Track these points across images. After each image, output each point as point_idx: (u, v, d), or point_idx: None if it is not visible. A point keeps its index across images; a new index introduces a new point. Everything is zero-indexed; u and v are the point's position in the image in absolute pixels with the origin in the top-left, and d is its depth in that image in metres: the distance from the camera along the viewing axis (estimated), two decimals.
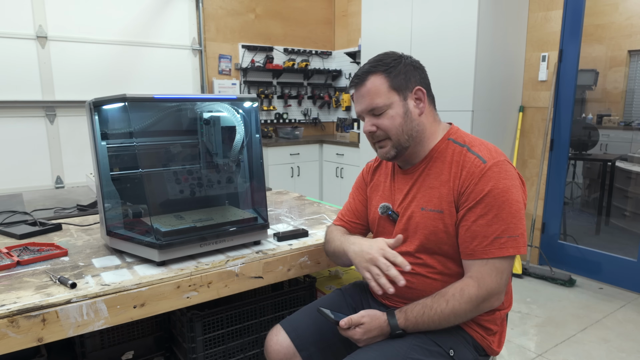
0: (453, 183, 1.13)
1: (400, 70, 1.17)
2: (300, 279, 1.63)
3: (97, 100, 1.27)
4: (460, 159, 1.14)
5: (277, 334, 1.26)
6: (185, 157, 1.44)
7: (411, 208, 1.20)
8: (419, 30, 3.30)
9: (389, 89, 1.16)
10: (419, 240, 1.18)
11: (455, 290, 1.08)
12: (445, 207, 1.13)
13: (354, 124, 4.93)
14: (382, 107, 1.16)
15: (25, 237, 1.47)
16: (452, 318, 1.08)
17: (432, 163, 1.19)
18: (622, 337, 2.44)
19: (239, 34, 4.62)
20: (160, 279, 1.13)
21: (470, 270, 1.10)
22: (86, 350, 1.46)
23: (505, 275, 1.08)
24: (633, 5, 3.29)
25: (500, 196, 1.06)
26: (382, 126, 1.17)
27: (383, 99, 1.15)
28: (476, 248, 1.08)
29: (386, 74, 1.16)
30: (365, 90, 1.17)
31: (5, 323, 0.93)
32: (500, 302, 1.11)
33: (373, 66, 1.18)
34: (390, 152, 1.19)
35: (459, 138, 1.20)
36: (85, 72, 3.75)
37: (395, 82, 1.16)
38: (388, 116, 1.16)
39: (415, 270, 1.18)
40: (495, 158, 1.11)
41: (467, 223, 1.09)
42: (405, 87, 1.17)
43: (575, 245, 3.36)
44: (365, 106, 1.18)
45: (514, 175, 1.11)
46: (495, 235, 1.06)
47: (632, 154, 3.55)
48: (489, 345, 1.18)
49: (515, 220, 1.06)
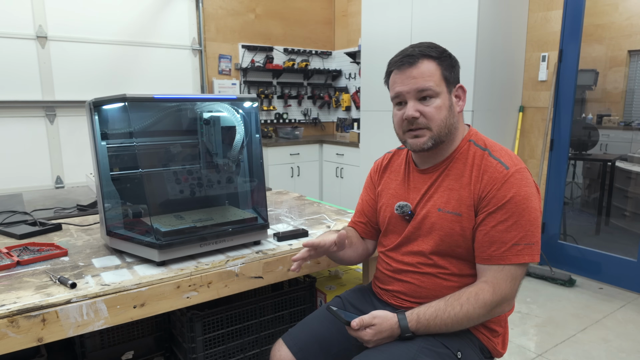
0: (474, 187, 1.12)
1: (450, 63, 1.16)
2: (300, 279, 1.63)
3: (97, 100, 1.26)
4: (482, 163, 1.13)
5: (280, 349, 1.26)
6: (185, 157, 1.44)
7: (427, 208, 1.18)
8: (419, 30, 3.29)
9: (441, 77, 1.13)
10: (433, 241, 1.17)
11: (470, 294, 1.08)
12: (464, 211, 1.12)
13: (353, 124, 4.93)
14: (433, 92, 1.11)
15: (25, 237, 1.47)
16: (465, 322, 1.08)
17: (453, 164, 1.18)
18: (622, 337, 2.44)
19: (239, 34, 4.62)
20: (160, 279, 1.13)
21: (486, 275, 1.09)
22: (86, 350, 1.46)
23: (519, 281, 1.09)
24: (633, 5, 3.29)
25: (522, 203, 1.06)
26: (427, 114, 1.12)
27: (435, 84, 1.12)
28: (493, 253, 1.08)
29: (439, 62, 1.13)
30: (418, 72, 1.12)
31: (5, 323, 0.93)
32: (510, 307, 1.12)
33: (426, 50, 1.14)
34: (428, 143, 1.14)
35: (479, 141, 1.19)
36: (85, 72, 3.76)
37: (446, 73, 1.14)
38: (435, 105, 1.12)
39: (426, 271, 1.18)
40: (516, 165, 1.11)
41: (486, 228, 1.09)
42: (452, 80, 1.16)
43: (575, 245, 3.36)
44: (416, 86, 1.12)
45: (533, 183, 1.11)
46: (513, 241, 1.06)
47: (632, 154, 3.55)
48: (494, 347, 1.18)
49: (533, 228, 1.07)
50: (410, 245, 1.22)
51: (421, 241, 1.19)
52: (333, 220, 1.69)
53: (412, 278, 1.20)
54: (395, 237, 1.26)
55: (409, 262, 1.21)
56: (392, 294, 1.25)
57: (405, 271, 1.22)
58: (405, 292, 1.22)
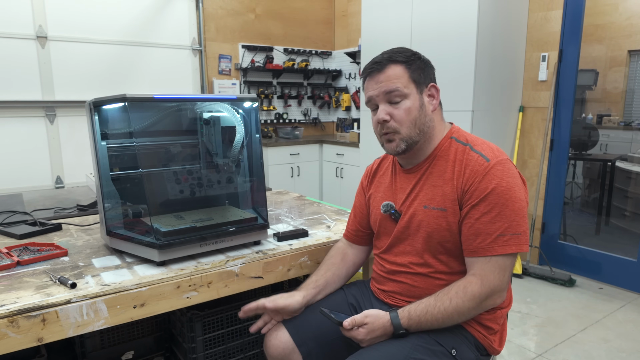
0: (457, 181, 1.13)
1: (418, 64, 1.18)
2: (300, 279, 1.62)
3: (97, 100, 1.27)
4: (464, 158, 1.15)
5: (277, 329, 1.27)
6: (185, 157, 1.44)
7: (413, 206, 1.20)
8: (419, 31, 3.30)
9: (409, 79, 1.16)
10: (421, 239, 1.18)
11: (459, 288, 1.08)
12: (448, 205, 1.14)
13: (354, 124, 4.93)
14: (401, 92, 1.14)
15: (25, 237, 1.47)
16: (456, 316, 1.08)
17: (436, 161, 1.19)
18: (622, 337, 2.44)
19: (239, 34, 4.62)
20: (160, 279, 1.13)
21: (473, 267, 1.10)
22: (86, 350, 1.46)
23: (508, 272, 1.09)
24: (633, 5, 3.29)
25: (504, 194, 1.07)
26: (396, 117, 1.16)
27: (402, 86, 1.15)
28: (479, 245, 1.09)
29: (406, 65, 1.16)
30: (385, 76, 1.16)
31: (5, 323, 0.93)
32: (502, 299, 1.12)
33: (392, 56, 1.17)
34: (401, 146, 1.17)
35: (461, 137, 1.20)
36: (85, 72, 3.75)
37: (414, 75, 1.16)
38: (404, 107, 1.15)
39: (418, 271, 1.19)
40: (498, 157, 1.12)
41: (471, 220, 1.10)
42: (422, 81, 1.18)
43: (575, 245, 3.36)
44: (383, 89, 1.16)
45: (516, 174, 1.11)
46: (498, 232, 1.07)
47: (632, 154, 3.55)
48: (490, 344, 1.18)
49: (518, 218, 1.07)
50: (401, 246, 1.24)
51: (411, 240, 1.21)
52: (333, 220, 1.69)
53: (405, 278, 1.22)
54: (386, 238, 1.28)
55: (401, 262, 1.23)
56: (388, 294, 1.26)
57: (399, 272, 1.23)
58: (400, 292, 1.23)
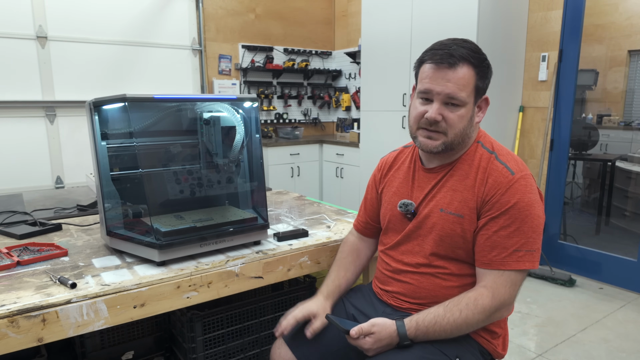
0: (478, 189, 1.11)
1: (485, 72, 1.12)
2: (300, 279, 1.62)
3: (97, 100, 1.26)
4: (488, 166, 1.12)
5: (280, 347, 1.27)
6: (185, 157, 1.44)
7: (429, 207, 1.18)
8: (419, 30, 3.30)
9: (473, 88, 1.10)
10: (432, 241, 1.17)
11: (469, 300, 1.07)
12: (466, 212, 1.12)
13: (354, 124, 4.93)
14: (462, 101, 1.09)
15: (25, 237, 1.46)
16: (464, 327, 1.08)
17: (459, 165, 1.17)
18: (622, 337, 2.44)
19: (239, 34, 4.62)
20: (160, 279, 1.13)
21: (485, 279, 1.09)
22: (86, 350, 1.46)
23: (518, 287, 1.09)
24: (633, 5, 3.29)
25: (525, 210, 1.06)
26: (449, 120, 1.10)
27: (466, 95, 1.09)
28: (494, 258, 1.08)
29: (477, 70, 1.10)
30: (456, 77, 1.08)
31: (5, 323, 0.93)
32: (509, 312, 1.13)
33: (468, 54, 1.09)
34: (439, 147, 1.13)
35: (487, 143, 1.18)
36: (85, 72, 3.76)
37: (479, 82, 1.11)
38: (459, 113, 1.10)
39: (424, 271, 1.18)
40: (522, 171, 1.10)
41: (488, 232, 1.09)
42: (481, 92, 1.13)
43: (575, 245, 3.36)
44: (448, 91, 1.08)
45: (537, 190, 1.11)
46: (514, 247, 1.06)
47: (632, 154, 3.55)
48: (494, 348, 1.17)
49: (535, 235, 1.07)
50: (409, 244, 1.22)
51: (421, 240, 1.19)
52: (333, 220, 1.69)
53: (410, 279, 1.20)
54: (395, 235, 1.26)
55: (407, 262, 1.21)
56: (392, 295, 1.25)
57: (404, 271, 1.22)
58: (404, 292, 1.21)
